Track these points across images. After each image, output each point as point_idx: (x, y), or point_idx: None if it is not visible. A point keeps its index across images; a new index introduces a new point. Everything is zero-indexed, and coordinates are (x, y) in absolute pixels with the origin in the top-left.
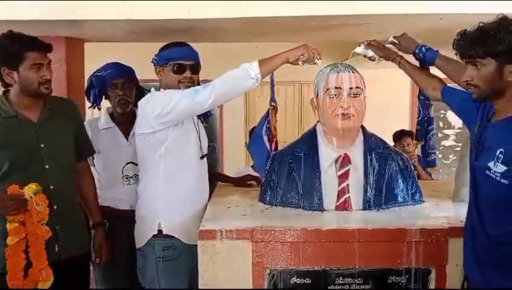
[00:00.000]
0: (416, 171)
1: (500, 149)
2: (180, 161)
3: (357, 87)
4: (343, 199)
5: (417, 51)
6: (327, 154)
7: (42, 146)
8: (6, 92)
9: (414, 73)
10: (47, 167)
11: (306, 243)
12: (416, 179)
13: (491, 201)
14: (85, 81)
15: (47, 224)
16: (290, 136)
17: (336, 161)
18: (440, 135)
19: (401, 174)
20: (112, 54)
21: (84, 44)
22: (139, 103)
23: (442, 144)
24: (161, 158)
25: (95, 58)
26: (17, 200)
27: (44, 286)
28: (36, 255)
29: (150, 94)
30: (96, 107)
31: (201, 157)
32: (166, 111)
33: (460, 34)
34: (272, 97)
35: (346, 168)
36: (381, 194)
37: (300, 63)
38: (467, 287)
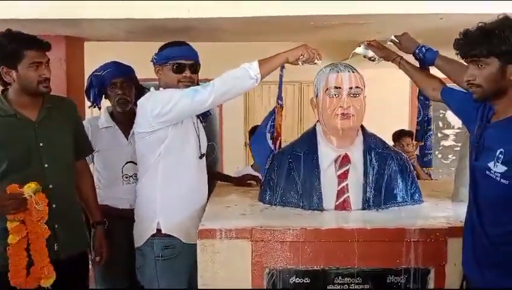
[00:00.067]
0: (416, 171)
1: (500, 149)
2: (180, 160)
3: (357, 87)
4: (342, 199)
5: (417, 51)
6: (327, 154)
7: (41, 145)
8: (4, 91)
9: (414, 73)
10: (46, 166)
11: (305, 242)
12: (416, 179)
13: (491, 201)
14: (85, 80)
15: (46, 223)
16: (290, 136)
17: (336, 161)
18: (439, 135)
19: (400, 174)
20: (112, 53)
21: (84, 43)
22: (139, 102)
23: (441, 144)
24: (160, 157)
25: (95, 58)
26: (17, 199)
27: (46, 283)
28: (37, 253)
29: (149, 93)
30: (96, 107)
31: (200, 156)
32: (166, 110)
33: (462, 33)
34: (279, 95)
35: (346, 168)
36: (380, 194)
37: (300, 63)
38: (466, 287)
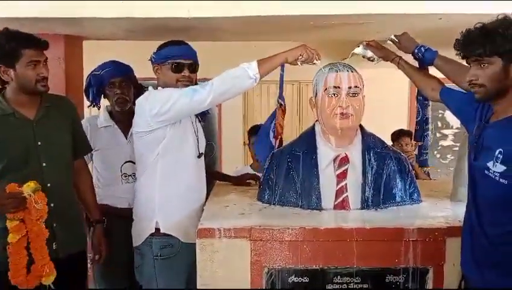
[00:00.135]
0: (415, 171)
1: (500, 149)
2: (178, 160)
3: (356, 87)
4: (341, 198)
5: (416, 51)
6: (325, 153)
7: (39, 144)
8: (2, 90)
9: (413, 74)
10: (44, 164)
11: (304, 242)
12: (414, 178)
13: (490, 201)
14: (84, 79)
15: (44, 222)
16: (289, 135)
17: (334, 160)
18: (438, 135)
19: (399, 174)
20: (111, 52)
21: (83, 42)
22: (137, 101)
23: (440, 143)
24: (159, 157)
25: (94, 56)
26: (16, 198)
27: (47, 281)
28: (38, 252)
29: (147, 92)
30: (96, 106)
31: (199, 156)
32: (165, 110)
33: (464, 34)
34: (280, 95)
35: (345, 168)
36: (379, 194)
37: (299, 63)
38: (464, 287)
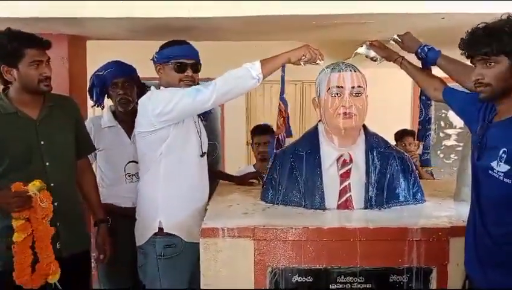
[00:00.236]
0: (418, 171)
1: (503, 149)
2: (181, 159)
3: (359, 87)
4: (344, 198)
5: (419, 51)
6: (329, 153)
7: (42, 143)
8: (5, 90)
9: (415, 74)
10: (47, 164)
11: (308, 241)
12: (418, 178)
13: (494, 201)
14: (87, 79)
15: (49, 221)
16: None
17: (338, 160)
18: (441, 135)
19: (402, 174)
20: (113, 52)
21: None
22: (139, 101)
23: (443, 143)
24: (162, 156)
25: (97, 56)
26: (21, 197)
27: (53, 279)
28: (43, 250)
29: (150, 92)
30: (99, 106)
31: (202, 155)
32: (168, 109)
33: (470, 33)
34: (281, 96)
35: (348, 167)
36: (382, 193)
37: (302, 63)
38: (468, 287)
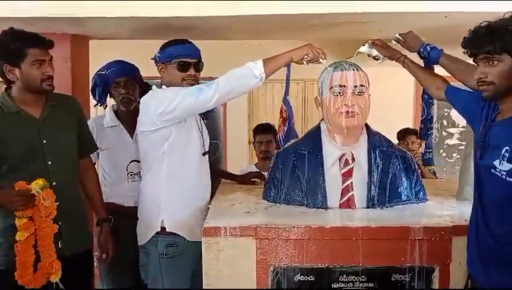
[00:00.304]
0: (420, 170)
1: (506, 147)
2: (183, 158)
3: (361, 85)
4: (346, 197)
5: (422, 50)
6: (331, 152)
7: (44, 142)
8: (8, 89)
9: (418, 72)
10: (49, 163)
11: (310, 240)
12: (420, 177)
13: (496, 200)
14: (90, 78)
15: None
16: None
17: (340, 159)
18: (444, 134)
19: (405, 173)
20: (116, 51)
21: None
22: (142, 100)
23: (446, 142)
24: (164, 155)
25: (99, 56)
26: (24, 195)
27: (55, 278)
28: (45, 249)
29: (151, 92)
30: (102, 106)
31: (204, 154)
32: (170, 109)
33: (472, 31)
34: (285, 96)
35: (350, 166)
36: (385, 192)
37: (304, 62)
38: (470, 286)
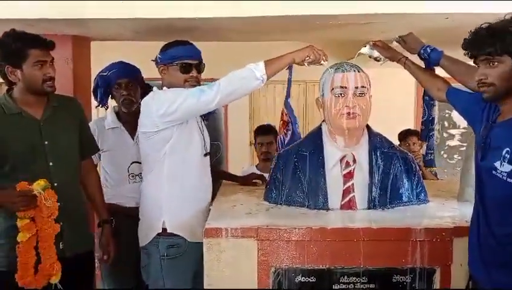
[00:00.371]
0: (422, 171)
1: (507, 149)
2: (184, 160)
3: (363, 87)
4: (348, 198)
5: (422, 51)
6: (332, 153)
7: (46, 143)
8: (10, 90)
9: (419, 74)
10: (51, 164)
11: (311, 241)
12: (421, 178)
13: (498, 201)
14: (91, 79)
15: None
16: None
17: (341, 160)
18: (445, 135)
19: (406, 174)
20: (117, 52)
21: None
22: (142, 101)
23: (447, 143)
24: (165, 157)
25: (100, 57)
26: (26, 196)
27: (55, 280)
28: (46, 250)
29: (152, 93)
30: (103, 107)
31: (205, 155)
32: (172, 110)
33: (473, 33)
34: (287, 98)
35: (351, 168)
36: (386, 194)
37: (306, 64)
38: (472, 287)
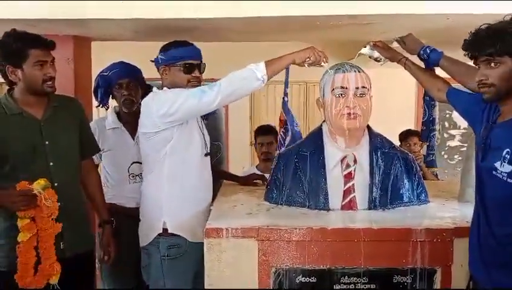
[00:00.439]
0: (422, 172)
1: (507, 149)
2: (185, 160)
3: (363, 87)
4: (348, 199)
5: (421, 52)
6: (333, 153)
7: (46, 143)
8: (10, 90)
9: (419, 74)
10: (51, 164)
11: (311, 242)
12: (422, 179)
13: (498, 201)
14: (92, 79)
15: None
16: None
17: (342, 161)
18: (445, 135)
19: (406, 174)
20: (118, 52)
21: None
22: (143, 102)
23: (447, 144)
24: (165, 157)
25: (101, 57)
26: (27, 195)
27: (55, 280)
28: (46, 250)
29: (153, 93)
30: (104, 107)
31: (205, 155)
32: (173, 110)
33: (473, 34)
34: (283, 98)
35: (352, 168)
36: (386, 194)
37: (306, 65)
38: (472, 287)
